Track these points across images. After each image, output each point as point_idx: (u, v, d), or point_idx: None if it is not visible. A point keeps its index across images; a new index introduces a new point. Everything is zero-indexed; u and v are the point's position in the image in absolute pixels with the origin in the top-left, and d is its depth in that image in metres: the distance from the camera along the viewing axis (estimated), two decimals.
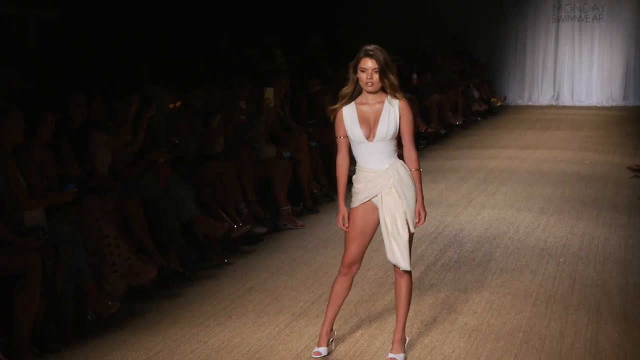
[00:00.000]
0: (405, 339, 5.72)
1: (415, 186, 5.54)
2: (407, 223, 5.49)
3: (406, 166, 5.55)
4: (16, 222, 6.14)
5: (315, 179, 10.64)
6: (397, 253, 5.48)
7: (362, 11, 22.50)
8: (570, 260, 8.00)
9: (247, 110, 9.79)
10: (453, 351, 5.80)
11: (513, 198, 10.73)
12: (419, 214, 5.54)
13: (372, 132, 5.50)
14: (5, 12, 12.62)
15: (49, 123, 6.67)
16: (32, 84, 8.88)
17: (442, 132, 16.40)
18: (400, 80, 5.79)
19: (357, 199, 5.59)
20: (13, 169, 6.23)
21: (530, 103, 22.66)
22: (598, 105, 22.05)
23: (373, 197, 5.53)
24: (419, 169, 5.57)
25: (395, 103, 5.51)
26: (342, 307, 5.87)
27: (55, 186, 6.74)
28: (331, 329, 5.81)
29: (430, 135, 15.59)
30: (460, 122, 17.57)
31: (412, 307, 6.48)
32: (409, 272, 5.59)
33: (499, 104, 20.99)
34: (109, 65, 11.38)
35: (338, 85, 11.79)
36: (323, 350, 5.77)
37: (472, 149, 15.03)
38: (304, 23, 18.61)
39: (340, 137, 5.65)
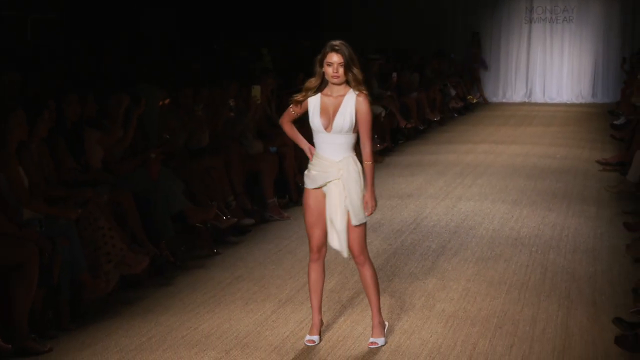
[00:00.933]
0: (384, 324, 5.73)
1: (362, 182, 5.54)
2: (349, 215, 5.51)
3: (358, 162, 5.57)
4: (15, 215, 6.11)
5: (301, 172, 10.61)
6: (336, 241, 5.53)
7: (346, 11, 22.47)
8: (542, 249, 8.02)
9: (235, 107, 9.78)
10: (431, 336, 5.81)
11: (488, 190, 10.74)
12: (367, 204, 5.55)
13: (330, 123, 5.53)
14: (5, 14, 12.55)
15: (46, 120, 6.64)
16: (32, 84, 8.82)
17: (421, 127, 16.40)
18: (381, 78, 5.81)
19: (310, 184, 5.64)
20: (15, 168, 6.20)
21: (504, 100, 22.68)
22: (568, 103, 22.10)
23: (323, 186, 5.58)
24: (371, 162, 5.53)
25: (354, 97, 5.51)
26: (324, 294, 5.86)
27: (52, 181, 6.72)
28: (320, 317, 5.81)
29: (410, 130, 15.59)
30: (438, 118, 17.58)
31: (392, 294, 6.51)
32: (367, 261, 5.63)
33: (474, 100, 21.02)
34: (108, 65, 11.33)
35: None
36: (316, 338, 5.76)
37: (449, 144, 15.04)
38: (290, 23, 18.56)
39: (291, 108, 5.73)
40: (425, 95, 17.32)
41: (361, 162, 5.57)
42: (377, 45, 19.16)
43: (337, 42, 5.52)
